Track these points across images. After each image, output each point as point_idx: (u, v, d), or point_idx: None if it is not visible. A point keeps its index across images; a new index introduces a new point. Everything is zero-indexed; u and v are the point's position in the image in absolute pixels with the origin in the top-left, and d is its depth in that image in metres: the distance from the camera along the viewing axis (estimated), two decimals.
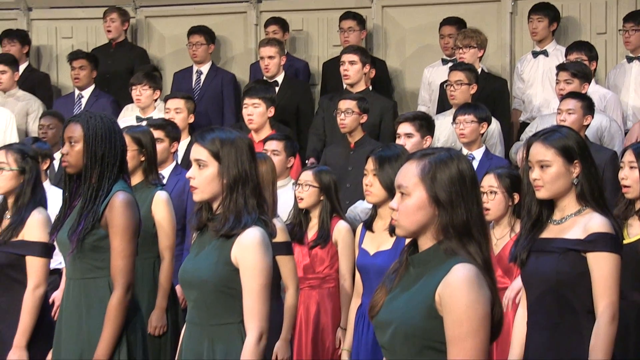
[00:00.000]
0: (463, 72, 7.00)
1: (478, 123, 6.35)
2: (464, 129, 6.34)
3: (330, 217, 5.46)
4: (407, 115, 6.38)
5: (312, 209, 5.49)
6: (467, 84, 6.95)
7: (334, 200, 5.47)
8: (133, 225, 4.02)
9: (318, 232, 5.46)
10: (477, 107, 6.48)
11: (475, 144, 6.38)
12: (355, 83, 7.48)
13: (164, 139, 6.01)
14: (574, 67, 6.81)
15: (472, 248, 2.79)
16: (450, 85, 7.00)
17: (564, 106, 6.25)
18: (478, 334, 2.71)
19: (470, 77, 6.98)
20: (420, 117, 6.34)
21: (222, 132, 3.52)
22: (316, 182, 5.43)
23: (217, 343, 3.46)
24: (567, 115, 6.18)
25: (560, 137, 3.72)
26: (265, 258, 3.42)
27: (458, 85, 6.94)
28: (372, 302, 2.92)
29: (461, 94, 6.94)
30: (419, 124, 6.21)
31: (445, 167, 2.82)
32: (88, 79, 8.50)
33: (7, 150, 4.76)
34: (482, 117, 6.38)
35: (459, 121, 6.38)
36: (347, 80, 7.50)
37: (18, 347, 4.52)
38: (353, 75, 7.46)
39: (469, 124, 6.34)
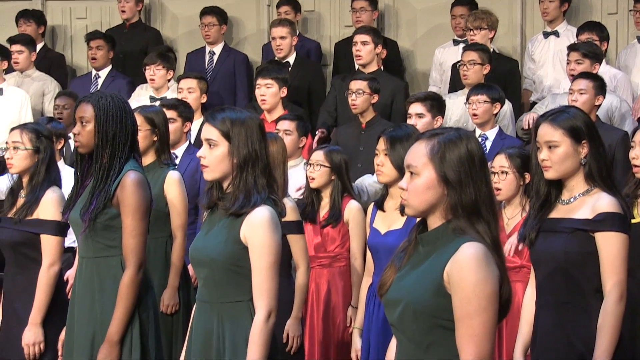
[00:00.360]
0: (476, 52, 6.99)
1: (491, 103, 6.34)
2: (476, 109, 6.34)
3: (341, 197, 5.48)
4: (418, 96, 6.39)
5: (323, 189, 5.51)
6: (480, 64, 6.94)
7: (345, 179, 5.49)
8: (144, 204, 4.04)
9: (329, 212, 5.48)
10: (491, 87, 6.47)
11: (489, 124, 6.38)
12: (367, 63, 7.48)
13: (177, 119, 6.03)
14: (585, 48, 6.80)
15: (480, 227, 2.81)
16: (463, 65, 6.99)
17: (575, 86, 6.23)
18: (486, 312, 2.73)
19: (484, 58, 6.97)
20: (432, 97, 6.34)
21: (232, 112, 3.53)
22: (327, 161, 5.45)
23: (227, 321, 3.48)
24: (578, 95, 6.17)
25: (568, 117, 3.72)
26: (274, 236, 3.44)
27: (471, 65, 6.93)
28: (381, 281, 2.94)
29: (474, 73, 6.93)
30: (430, 104, 6.22)
31: (454, 146, 2.84)
32: (105, 60, 8.52)
33: (21, 129, 4.79)
34: (495, 98, 6.37)
35: (471, 101, 6.37)
36: (360, 60, 7.51)
37: (33, 324, 4.57)
38: (365, 56, 7.48)
39: (482, 104, 6.33)
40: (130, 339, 4.01)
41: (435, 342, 2.80)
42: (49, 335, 4.59)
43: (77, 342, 4.07)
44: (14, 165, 4.72)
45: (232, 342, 3.46)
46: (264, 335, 3.40)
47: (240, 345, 3.45)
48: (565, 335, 3.69)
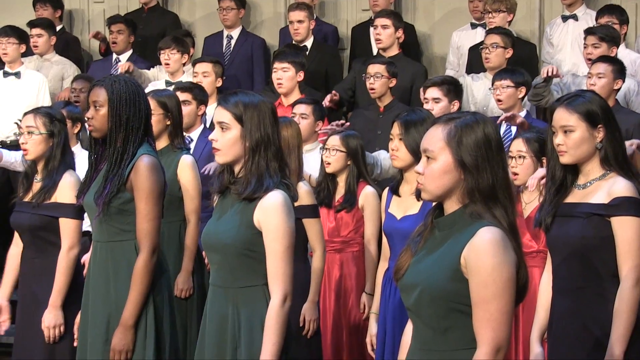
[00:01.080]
0: (499, 35, 6.96)
1: (515, 88, 6.26)
2: (500, 95, 6.27)
3: (357, 182, 5.48)
4: (435, 80, 6.35)
5: (339, 174, 5.50)
6: (503, 47, 6.90)
7: (361, 165, 5.48)
8: (158, 188, 4.04)
9: (344, 196, 5.47)
10: (515, 71, 6.40)
11: (515, 108, 6.25)
12: (387, 47, 7.48)
13: (192, 102, 6.02)
14: (602, 31, 6.74)
15: (497, 212, 2.80)
16: (485, 48, 6.95)
17: (594, 70, 6.18)
18: (503, 297, 2.73)
19: (507, 41, 6.93)
20: (448, 81, 6.30)
21: (245, 96, 3.53)
22: (343, 146, 5.44)
23: (242, 306, 3.49)
24: (597, 79, 6.12)
25: (584, 101, 3.70)
26: (287, 220, 3.44)
27: (493, 48, 6.89)
28: (397, 265, 2.94)
29: (496, 57, 6.89)
30: (447, 89, 6.19)
31: (471, 131, 2.83)
32: (125, 44, 8.53)
33: (35, 114, 4.79)
34: (520, 82, 6.28)
35: (496, 87, 6.30)
36: (380, 44, 7.50)
37: (53, 306, 4.60)
38: (385, 40, 7.47)
39: (505, 89, 6.25)
40: (145, 323, 4.02)
41: (452, 327, 2.80)
42: (68, 319, 4.62)
43: (92, 326, 4.09)
44: (29, 151, 4.73)
45: (248, 327, 3.47)
46: (280, 319, 3.41)
47: (255, 330, 3.45)
48: (582, 320, 3.68)
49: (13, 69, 7.87)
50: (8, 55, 7.81)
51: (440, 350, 2.82)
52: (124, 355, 3.97)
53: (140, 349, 4.00)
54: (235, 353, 3.49)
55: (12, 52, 7.82)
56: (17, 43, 7.82)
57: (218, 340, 3.53)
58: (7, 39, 7.79)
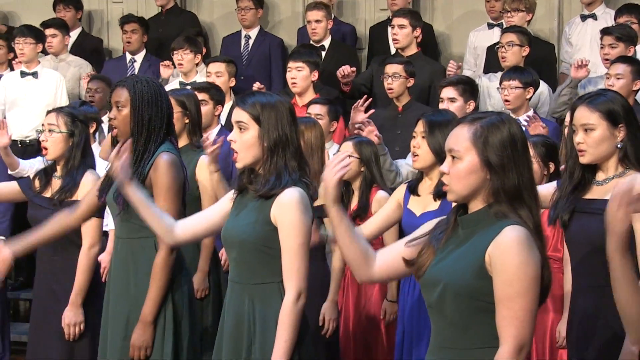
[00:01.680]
0: (515, 33, 6.94)
1: (523, 88, 6.26)
2: (508, 95, 6.26)
3: (369, 188, 5.43)
4: (451, 80, 6.32)
5: (353, 181, 5.40)
6: (519, 45, 6.89)
7: (374, 171, 5.38)
8: (176, 185, 4.06)
9: (358, 204, 5.43)
10: (524, 71, 6.39)
11: (522, 109, 6.28)
12: (405, 47, 7.47)
13: (209, 102, 6.03)
14: (618, 31, 6.72)
15: (523, 212, 2.81)
16: (502, 46, 6.94)
17: (612, 71, 6.15)
18: (527, 295, 2.74)
19: (523, 40, 6.92)
20: (464, 81, 6.28)
21: (262, 96, 3.54)
22: (357, 152, 5.37)
23: (257, 302, 3.50)
24: (615, 80, 6.09)
25: (606, 100, 3.68)
26: (303, 217, 3.44)
27: (509, 47, 6.88)
28: (420, 262, 2.94)
29: (512, 55, 6.87)
30: (463, 89, 6.16)
31: (497, 130, 2.83)
32: (139, 44, 8.56)
33: (57, 113, 4.82)
34: (528, 82, 6.28)
35: (504, 87, 6.29)
36: (397, 44, 7.50)
37: (74, 305, 4.62)
38: (402, 39, 7.47)
39: (514, 89, 6.24)
40: (164, 319, 4.04)
41: (474, 324, 2.81)
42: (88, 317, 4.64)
43: (112, 322, 4.11)
44: (49, 149, 4.76)
45: (262, 324, 3.49)
46: (293, 316, 3.41)
47: (270, 327, 3.47)
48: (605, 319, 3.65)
49: (30, 69, 7.90)
50: (25, 55, 7.84)
51: (461, 349, 2.83)
52: (143, 351, 3.99)
53: (159, 345, 4.03)
54: (250, 350, 3.51)
55: (29, 52, 7.85)
56: (34, 43, 7.85)
57: (234, 337, 3.54)
58: (24, 38, 7.82)
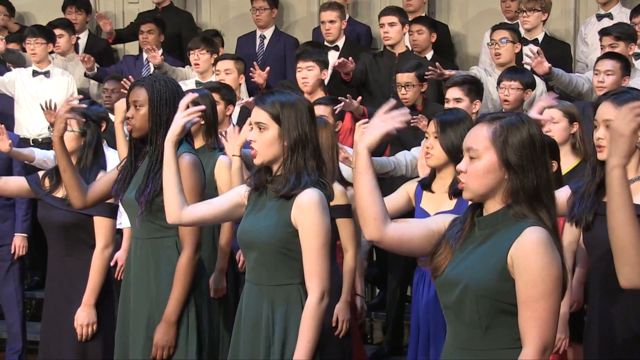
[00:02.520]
0: (507, 30, 6.97)
1: (523, 90, 6.25)
2: (508, 95, 6.23)
3: None
4: (456, 79, 6.27)
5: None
6: (512, 42, 6.89)
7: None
8: (199, 186, 4.07)
9: None
10: (524, 72, 6.38)
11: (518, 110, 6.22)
12: (395, 44, 7.51)
13: (220, 102, 5.99)
14: (617, 30, 6.67)
15: (542, 213, 2.80)
16: (495, 43, 6.94)
17: (601, 67, 6.11)
18: (551, 296, 2.73)
19: (514, 36, 6.93)
20: (469, 81, 6.24)
21: (282, 95, 3.53)
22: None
23: (277, 304, 3.49)
24: (605, 76, 6.07)
25: (631, 97, 3.63)
26: (324, 218, 3.44)
27: (503, 44, 6.88)
28: (436, 263, 2.93)
29: (507, 52, 6.88)
30: (468, 88, 6.13)
31: (516, 131, 2.83)
32: (156, 43, 8.56)
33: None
34: (528, 83, 6.27)
35: (504, 86, 6.26)
36: (388, 41, 7.55)
37: (87, 305, 4.62)
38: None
39: (514, 90, 6.23)
40: (187, 319, 4.05)
41: (494, 325, 2.80)
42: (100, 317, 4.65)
43: (133, 322, 4.11)
44: None
45: (282, 326, 3.48)
46: (317, 317, 3.41)
47: (290, 329, 3.47)
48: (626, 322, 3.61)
49: (42, 69, 7.92)
50: (37, 55, 7.85)
51: (480, 350, 2.82)
52: (166, 351, 4.00)
53: (183, 345, 4.03)
54: (268, 351, 3.50)
55: (41, 52, 7.86)
56: (44, 43, 7.87)
57: (252, 338, 3.54)
58: (35, 39, 7.84)
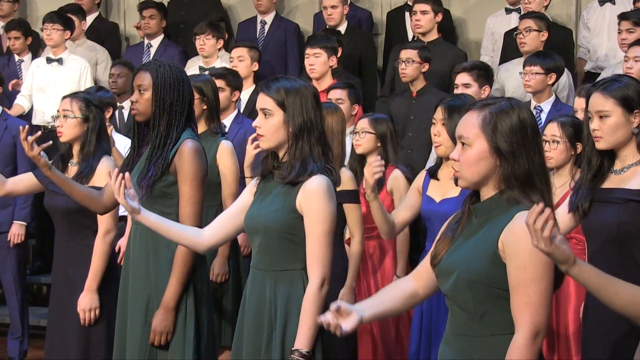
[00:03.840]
0: (533, 19, 6.91)
1: (545, 74, 6.22)
2: (529, 80, 6.23)
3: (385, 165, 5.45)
4: (465, 65, 6.31)
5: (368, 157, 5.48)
6: (537, 30, 6.86)
7: (389, 148, 5.44)
8: (201, 173, 4.07)
9: None
10: (546, 56, 6.34)
11: (544, 94, 6.25)
12: (426, 32, 7.47)
13: (225, 88, 6.02)
14: (636, 15, 6.67)
15: (535, 197, 2.80)
16: (520, 33, 6.91)
17: (631, 53, 6.11)
18: (542, 280, 2.73)
19: (541, 25, 6.89)
20: (478, 66, 6.26)
21: (287, 81, 3.53)
22: (372, 128, 5.43)
23: (280, 288, 3.50)
24: (634, 62, 6.06)
25: (620, 86, 3.66)
26: (329, 205, 3.44)
27: (527, 33, 6.85)
28: (435, 251, 2.95)
29: (531, 40, 6.84)
30: (477, 74, 6.15)
31: (506, 116, 2.82)
32: (157, 28, 8.57)
33: (72, 98, 4.83)
34: (550, 68, 6.23)
35: (525, 72, 6.26)
36: (419, 29, 7.49)
37: (89, 290, 4.64)
38: (426, 25, 7.50)
39: (535, 75, 6.21)
40: (185, 306, 4.05)
41: (489, 312, 2.80)
42: (103, 302, 4.66)
43: (132, 307, 4.12)
44: (63, 134, 4.78)
45: (284, 310, 3.49)
46: (317, 303, 3.42)
47: (292, 313, 3.47)
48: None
49: (56, 55, 7.92)
50: (52, 41, 7.86)
51: (477, 336, 2.83)
52: (164, 336, 4.00)
53: (181, 331, 4.03)
54: (271, 336, 3.51)
55: (57, 38, 7.87)
56: (61, 29, 7.87)
57: (256, 322, 3.55)
58: (52, 24, 7.85)
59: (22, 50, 8.37)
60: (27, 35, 8.34)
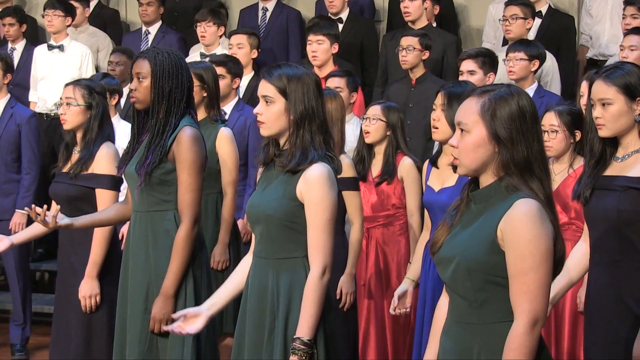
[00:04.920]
0: (519, 6, 6.93)
1: (528, 61, 6.24)
2: (513, 67, 6.25)
3: (395, 153, 5.48)
4: (470, 52, 6.32)
5: (377, 145, 5.51)
6: (523, 18, 6.87)
7: (399, 137, 5.48)
8: (200, 160, 4.07)
9: (383, 168, 5.47)
10: (529, 44, 6.37)
11: (527, 81, 6.27)
12: (415, 19, 7.46)
13: (226, 75, 6.02)
14: None
15: (534, 184, 2.79)
16: (505, 20, 6.93)
17: (626, 42, 6.12)
18: (540, 269, 2.73)
19: (527, 12, 6.91)
20: (483, 53, 6.28)
21: (289, 68, 3.52)
22: (384, 116, 5.45)
23: (282, 276, 3.50)
24: (629, 51, 6.06)
25: (622, 74, 3.65)
26: (330, 193, 3.43)
27: (513, 20, 6.86)
28: (434, 239, 2.94)
29: (517, 28, 6.86)
30: (482, 61, 6.17)
31: (505, 103, 2.81)
32: (155, 15, 8.56)
33: (74, 86, 4.84)
34: (534, 55, 6.27)
35: (509, 58, 6.28)
36: (408, 17, 7.48)
37: (90, 277, 4.66)
38: (413, 12, 7.45)
39: (519, 61, 6.23)
40: (185, 293, 4.05)
41: (488, 300, 2.80)
42: (105, 289, 4.67)
43: (132, 294, 4.13)
44: (67, 121, 4.79)
45: (287, 298, 3.48)
46: (318, 291, 3.41)
47: (294, 301, 3.47)
48: (618, 294, 3.66)
49: (58, 42, 7.90)
50: (54, 27, 7.83)
51: (477, 323, 2.83)
52: (163, 324, 4.01)
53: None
54: (273, 324, 3.50)
55: (58, 24, 7.84)
56: (63, 15, 7.85)
57: (258, 310, 3.54)
58: (53, 11, 7.83)
59: (17, 38, 8.33)
60: (22, 22, 8.32)
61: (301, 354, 3.36)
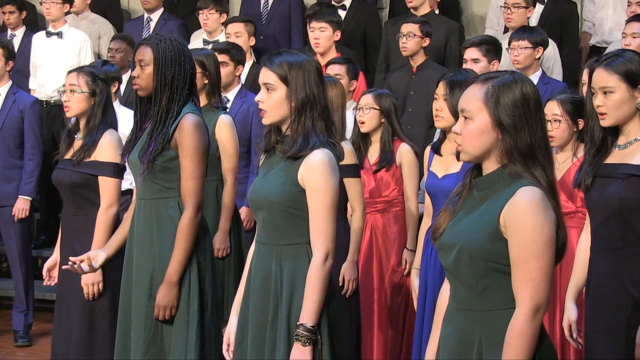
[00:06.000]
0: None
1: (533, 48, 6.24)
2: (518, 55, 6.23)
3: (392, 139, 5.48)
4: (474, 40, 6.31)
5: (373, 133, 5.51)
6: (525, 7, 6.86)
7: (395, 123, 5.48)
8: (202, 147, 4.07)
9: (381, 155, 5.48)
10: (533, 31, 6.36)
11: (531, 68, 6.26)
12: (418, 6, 7.44)
13: (229, 63, 6.02)
14: None
15: (537, 172, 2.79)
16: (507, 7, 6.91)
17: (628, 30, 6.11)
18: (543, 256, 2.73)
19: (528, 0, 6.89)
20: (487, 41, 6.26)
21: (290, 56, 3.52)
22: (376, 104, 5.44)
23: (285, 263, 3.50)
24: (631, 39, 6.05)
25: (623, 61, 3.64)
26: (331, 179, 3.44)
27: (515, 9, 6.85)
28: (436, 225, 2.95)
29: (518, 17, 6.85)
30: (486, 49, 6.16)
31: (509, 90, 2.81)
32: (157, 2, 8.55)
33: (78, 72, 4.84)
34: (537, 42, 6.26)
35: (513, 47, 6.26)
36: (411, 4, 7.47)
37: None
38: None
39: (523, 50, 6.22)
40: (189, 280, 4.06)
41: (490, 287, 2.80)
42: (107, 276, 4.68)
43: (137, 281, 4.13)
44: (70, 108, 4.78)
45: (290, 284, 3.49)
46: (321, 277, 3.42)
47: (297, 287, 3.47)
48: (620, 281, 3.67)
49: (56, 29, 7.90)
50: (52, 14, 7.83)
51: (478, 310, 2.83)
52: (168, 311, 4.02)
53: (185, 305, 4.05)
54: (277, 310, 3.51)
55: (56, 11, 7.84)
56: (61, 3, 7.84)
57: (261, 297, 3.55)
58: None
59: (16, 25, 8.33)
60: (21, 10, 8.30)
61: (305, 340, 3.38)
